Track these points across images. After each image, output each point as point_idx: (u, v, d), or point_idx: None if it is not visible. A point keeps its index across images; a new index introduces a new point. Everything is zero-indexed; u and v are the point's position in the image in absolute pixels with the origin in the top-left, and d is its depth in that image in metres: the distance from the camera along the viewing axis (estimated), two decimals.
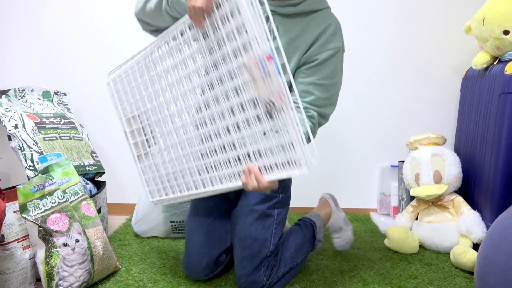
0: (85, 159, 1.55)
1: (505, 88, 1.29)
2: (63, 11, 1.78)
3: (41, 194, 1.13)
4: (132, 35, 1.79)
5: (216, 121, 0.97)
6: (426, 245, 1.47)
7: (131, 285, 1.21)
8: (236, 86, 0.89)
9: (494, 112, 1.34)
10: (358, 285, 1.21)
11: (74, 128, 1.62)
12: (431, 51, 1.76)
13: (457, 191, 1.51)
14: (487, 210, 1.38)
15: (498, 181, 1.32)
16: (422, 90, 1.79)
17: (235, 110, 0.91)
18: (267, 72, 0.80)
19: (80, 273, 1.14)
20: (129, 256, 1.41)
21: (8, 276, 1.10)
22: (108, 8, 1.77)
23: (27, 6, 1.78)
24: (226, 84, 0.91)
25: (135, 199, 1.88)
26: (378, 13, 1.74)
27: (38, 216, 1.10)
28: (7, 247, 1.10)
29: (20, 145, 1.40)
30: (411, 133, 1.63)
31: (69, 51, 1.81)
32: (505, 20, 1.33)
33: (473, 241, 1.36)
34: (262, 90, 0.82)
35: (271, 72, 0.79)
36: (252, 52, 0.81)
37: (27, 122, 1.46)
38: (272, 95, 0.81)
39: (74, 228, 1.15)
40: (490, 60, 1.43)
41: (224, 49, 0.89)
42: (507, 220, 0.93)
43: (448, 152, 1.50)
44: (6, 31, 1.79)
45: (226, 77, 0.91)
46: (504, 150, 1.30)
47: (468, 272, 1.30)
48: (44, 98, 1.69)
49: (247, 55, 0.83)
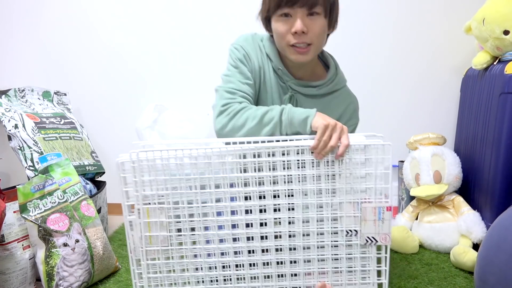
0: (85, 159, 1.55)
1: (505, 88, 1.29)
2: (63, 11, 1.78)
3: (41, 194, 1.13)
4: (131, 35, 1.79)
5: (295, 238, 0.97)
6: (426, 245, 1.47)
7: (131, 285, 1.21)
8: (328, 216, 0.95)
9: (494, 112, 1.34)
10: None
11: (74, 128, 1.62)
12: (431, 51, 1.76)
13: (457, 191, 1.51)
14: (487, 210, 1.38)
15: (498, 181, 1.32)
16: (422, 90, 1.79)
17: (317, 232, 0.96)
18: (381, 218, 0.93)
19: (80, 273, 1.14)
20: None
21: (8, 276, 1.10)
22: (108, 9, 1.77)
23: (27, 6, 1.78)
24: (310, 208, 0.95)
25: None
26: (378, 13, 1.74)
27: (38, 216, 1.10)
28: (7, 247, 1.10)
29: (20, 145, 1.40)
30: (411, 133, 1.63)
31: (69, 51, 1.81)
32: (505, 20, 1.32)
33: (473, 241, 1.36)
34: (368, 229, 0.94)
35: (385, 219, 0.93)
36: (374, 199, 0.93)
37: (27, 122, 1.46)
38: (377, 235, 0.94)
39: (74, 228, 1.15)
40: (490, 60, 1.43)
41: (335, 184, 0.94)
42: (507, 220, 0.93)
43: (448, 152, 1.49)
44: (6, 31, 1.79)
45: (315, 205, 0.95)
46: (504, 150, 1.30)
47: (468, 272, 1.30)
48: (44, 98, 1.69)
49: (359, 195, 0.93)
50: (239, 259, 0.98)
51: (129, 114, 1.84)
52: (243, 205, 0.95)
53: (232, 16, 1.76)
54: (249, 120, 0.99)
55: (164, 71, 1.82)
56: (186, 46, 1.79)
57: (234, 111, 1.01)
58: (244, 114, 1.00)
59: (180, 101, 1.83)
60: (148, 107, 1.70)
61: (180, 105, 1.82)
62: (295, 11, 0.99)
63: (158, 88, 1.83)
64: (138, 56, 1.81)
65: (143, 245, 0.97)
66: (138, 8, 1.77)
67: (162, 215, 0.99)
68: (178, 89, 1.83)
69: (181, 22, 1.78)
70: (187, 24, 1.78)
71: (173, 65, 1.81)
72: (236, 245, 0.98)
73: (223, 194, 0.95)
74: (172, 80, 1.82)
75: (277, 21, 1.02)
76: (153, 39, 1.79)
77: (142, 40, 1.80)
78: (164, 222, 0.99)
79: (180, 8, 1.77)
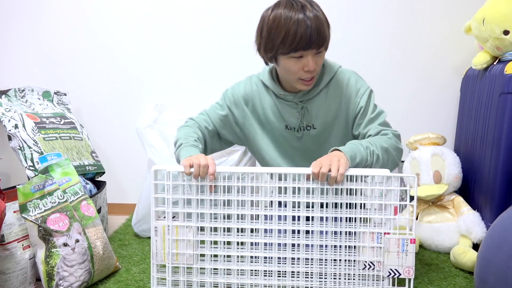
0: (85, 159, 1.55)
1: (505, 88, 1.29)
2: (63, 11, 1.78)
3: (41, 194, 1.13)
4: (131, 35, 1.79)
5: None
6: (426, 245, 1.47)
7: (131, 285, 1.21)
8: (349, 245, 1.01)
9: (494, 112, 1.34)
10: None
11: (74, 128, 1.62)
12: (431, 51, 1.76)
13: (457, 191, 1.51)
14: (487, 210, 1.38)
15: (498, 181, 1.32)
16: (422, 90, 1.79)
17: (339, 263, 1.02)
18: (405, 250, 0.97)
19: (80, 273, 1.14)
20: (129, 256, 1.41)
21: (8, 276, 1.10)
22: (108, 9, 1.77)
23: (27, 6, 1.78)
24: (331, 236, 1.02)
25: (135, 199, 1.88)
26: (378, 14, 1.74)
27: (38, 216, 1.10)
28: (7, 247, 1.10)
29: (20, 145, 1.40)
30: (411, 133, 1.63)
31: (69, 51, 1.81)
32: (505, 20, 1.32)
33: (473, 241, 1.36)
34: (391, 261, 0.97)
35: (409, 251, 0.96)
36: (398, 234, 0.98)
37: (27, 122, 1.46)
38: (400, 268, 0.97)
39: (74, 228, 1.15)
40: (490, 60, 1.43)
41: (354, 213, 1.00)
42: (507, 220, 0.93)
43: (448, 152, 1.49)
44: (6, 31, 1.79)
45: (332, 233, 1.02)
46: (504, 150, 1.30)
47: (468, 272, 1.30)
48: (44, 98, 1.69)
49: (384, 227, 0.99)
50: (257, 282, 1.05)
51: (129, 114, 1.84)
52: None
53: (232, 16, 1.76)
54: (179, 138, 1.17)
55: (164, 70, 1.82)
56: (186, 46, 1.80)
57: (185, 124, 1.24)
58: (181, 131, 1.21)
59: (180, 100, 1.83)
60: (148, 106, 1.70)
61: (180, 105, 1.82)
62: (307, 53, 1.05)
63: (158, 88, 1.83)
64: (138, 56, 1.81)
65: (169, 261, 1.04)
66: (138, 8, 1.77)
67: (190, 234, 1.04)
68: (178, 89, 1.83)
69: (181, 22, 1.78)
70: (187, 24, 1.78)
71: (173, 64, 1.81)
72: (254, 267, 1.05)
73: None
74: (172, 80, 1.82)
75: (288, 60, 1.07)
76: (153, 39, 1.79)
77: (142, 40, 1.80)
78: (191, 241, 1.04)
79: (180, 8, 1.77)
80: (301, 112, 1.18)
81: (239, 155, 1.56)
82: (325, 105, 1.19)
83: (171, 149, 1.58)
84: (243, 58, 1.77)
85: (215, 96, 1.27)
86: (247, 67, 1.78)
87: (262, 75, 1.23)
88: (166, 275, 1.05)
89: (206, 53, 1.79)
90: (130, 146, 1.86)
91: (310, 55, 1.05)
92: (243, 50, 1.76)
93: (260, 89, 1.23)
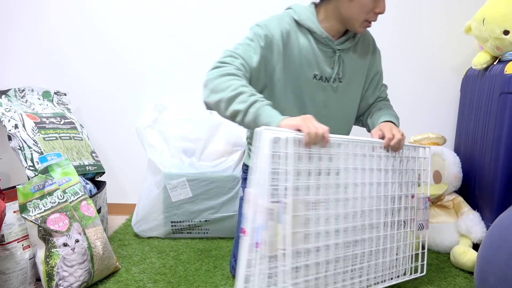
0: (85, 159, 1.55)
1: (505, 88, 1.29)
2: (63, 11, 1.78)
3: (41, 194, 1.13)
4: (132, 35, 1.79)
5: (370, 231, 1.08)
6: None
7: (131, 285, 1.21)
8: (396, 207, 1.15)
9: (494, 112, 1.34)
10: None
11: (74, 128, 1.62)
12: (431, 51, 1.76)
13: (457, 191, 1.51)
14: (487, 210, 1.38)
15: (498, 181, 1.32)
16: (422, 90, 1.79)
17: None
18: (426, 207, 1.21)
19: (80, 273, 1.14)
20: (129, 256, 1.41)
21: (8, 276, 1.10)
22: (108, 8, 1.77)
23: (27, 6, 1.78)
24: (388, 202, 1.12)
25: (135, 199, 1.88)
26: None
27: (38, 216, 1.10)
28: (7, 247, 1.10)
29: (20, 145, 1.40)
30: (411, 133, 1.63)
31: (69, 51, 1.81)
32: (505, 20, 1.32)
33: (473, 241, 1.36)
34: (419, 217, 1.20)
35: (427, 208, 1.22)
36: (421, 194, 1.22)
37: (27, 122, 1.46)
38: (424, 222, 1.21)
39: (74, 228, 1.15)
40: (490, 60, 1.43)
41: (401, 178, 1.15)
42: (507, 220, 0.93)
43: (448, 152, 1.49)
44: (6, 31, 1.79)
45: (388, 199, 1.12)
46: (504, 150, 1.30)
47: (468, 272, 1.30)
48: (44, 98, 1.69)
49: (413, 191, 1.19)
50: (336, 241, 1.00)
51: (129, 114, 1.84)
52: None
53: (232, 16, 1.76)
54: (229, 89, 0.98)
55: (164, 70, 1.82)
56: (186, 45, 1.79)
57: (226, 71, 1.00)
58: (230, 81, 0.98)
59: (180, 100, 1.82)
60: (148, 106, 1.70)
61: (180, 104, 1.82)
62: None
63: (158, 88, 1.83)
64: (138, 55, 1.81)
65: (288, 242, 0.86)
66: (138, 7, 1.77)
67: (307, 210, 0.91)
68: (178, 88, 1.83)
69: (181, 22, 1.78)
70: (187, 24, 1.78)
71: (173, 64, 1.81)
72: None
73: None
74: (172, 79, 1.82)
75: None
76: (153, 38, 1.79)
77: (142, 40, 1.80)
78: (306, 218, 0.91)
79: (180, 8, 1.77)
80: (337, 61, 1.15)
81: (239, 155, 1.57)
82: (355, 59, 1.19)
83: (171, 149, 1.58)
84: None
85: None
86: None
87: (299, 14, 1.12)
88: (278, 265, 0.85)
89: (206, 53, 1.79)
90: (130, 146, 1.86)
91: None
92: None
93: (295, 30, 1.11)
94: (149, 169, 1.57)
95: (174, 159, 1.56)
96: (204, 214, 1.53)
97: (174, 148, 1.57)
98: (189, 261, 1.37)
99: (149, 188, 1.55)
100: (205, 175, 1.51)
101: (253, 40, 1.08)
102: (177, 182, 1.51)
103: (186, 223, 1.55)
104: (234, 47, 1.08)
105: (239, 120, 0.99)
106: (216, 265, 1.35)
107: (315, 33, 1.11)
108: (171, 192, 1.51)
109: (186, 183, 1.51)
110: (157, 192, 1.52)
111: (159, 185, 1.52)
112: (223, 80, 0.99)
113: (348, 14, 1.08)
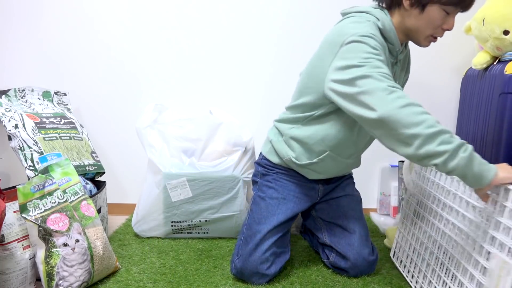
0: (85, 159, 1.55)
1: (505, 88, 1.29)
2: (63, 11, 1.78)
3: (41, 194, 1.14)
4: (131, 35, 1.79)
5: None
6: None
7: (131, 285, 1.21)
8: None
9: (494, 112, 1.34)
10: (358, 285, 1.21)
11: (74, 128, 1.62)
12: (431, 51, 1.76)
13: None
14: None
15: None
16: (422, 90, 1.79)
17: None
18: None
19: (80, 273, 1.14)
20: (129, 256, 1.41)
21: (8, 276, 1.10)
22: (108, 9, 1.77)
23: (27, 7, 1.78)
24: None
25: (135, 199, 1.88)
26: None
27: (38, 216, 1.10)
28: (7, 247, 1.10)
29: (20, 145, 1.40)
30: None
31: (69, 51, 1.81)
32: (505, 20, 1.33)
33: None
34: None
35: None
36: None
37: (27, 122, 1.46)
38: None
39: (74, 228, 1.15)
40: (490, 60, 1.43)
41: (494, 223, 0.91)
42: None
43: None
44: (6, 31, 1.79)
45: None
46: (504, 150, 1.30)
47: None
48: (44, 98, 1.69)
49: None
50: None
51: (129, 114, 1.84)
52: None
53: (232, 15, 1.76)
54: (424, 124, 0.87)
55: (164, 70, 1.82)
56: (186, 46, 1.79)
57: (409, 102, 0.90)
58: (423, 116, 0.88)
59: (180, 100, 1.83)
60: (148, 106, 1.70)
61: (180, 105, 1.82)
62: (456, 12, 1.01)
63: (158, 88, 1.83)
64: (138, 55, 1.81)
65: None
66: (138, 7, 1.77)
67: None
68: (178, 89, 1.83)
69: (181, 22, 1.78)
70: (187, 24, 1.78)
71: (173, 64, 1.81)
72: None
73: None
74: (172, 80, 1.82)
75: (439, 11, 1.00)
76: (153, 38, 1.79)
77: (142, 40, 1.80)
78: None
79: (180, 8, 1.77)
80: (394, 72, 1.14)
81: (239, 155, 1.56)
82: (397, 72, 1.18)
83: (171, 149, 1.58)
84: (243, 58, 1.77)
85: (215, 96, 1.25)
86: (248, 67, 1.79)
87: (382, 23, 1.04)
88: None
89: (206, 53, 1.79)
90: (130, 146, 1.86)
91: (454, 15, 1.02)
92: (244, 50, 1.76)
93: (381, 41, 1.03)
94: (149, 169, 1.57)
95: (174, 159, 1.56)
96: (204, 214, 1.53)
97: (174, 148, 1.57)
98: (189, 261, 1.37)
99: (149, 188, 1.55)
100: (205, 175, 1.51)
101: (380, 55, 0.98)
102: (177, 182, 1.51)
103: (186, 223, 1.55)
104: (375, 63, 0.94)
105: (436, 163, 0.87)
106: (216, 265, 1.35)
107: (393, 44, 1.07)
108: (171, 192, 1.51)
109: (186, 183, 1.51)
110: (157, 192, 1.52)
111: (159, 185, 1.52)
112: (412, 113, 0.89)
113: (414, 26, 1.04)
